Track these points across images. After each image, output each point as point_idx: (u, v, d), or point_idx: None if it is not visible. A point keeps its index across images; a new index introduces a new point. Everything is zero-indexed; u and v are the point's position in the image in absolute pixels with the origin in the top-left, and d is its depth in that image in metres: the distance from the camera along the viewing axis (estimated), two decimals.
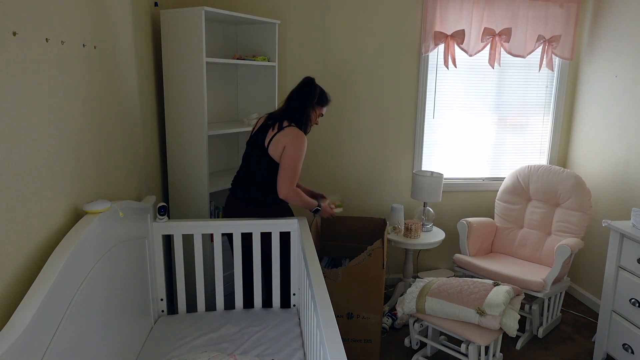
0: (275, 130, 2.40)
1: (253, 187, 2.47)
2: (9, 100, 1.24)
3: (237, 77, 3.29)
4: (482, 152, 3.76)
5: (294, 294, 2.53)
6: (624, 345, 2.54)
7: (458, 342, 2.80)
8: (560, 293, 3.11)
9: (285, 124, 2.41)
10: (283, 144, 2.37)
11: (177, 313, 2.49)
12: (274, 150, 2.38)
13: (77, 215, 1.67)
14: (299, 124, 2.44)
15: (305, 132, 2.47)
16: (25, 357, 1.12)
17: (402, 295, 2.86)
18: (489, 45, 3.44)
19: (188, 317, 2.39)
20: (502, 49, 3.46)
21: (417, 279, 2.98)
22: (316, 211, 2.56)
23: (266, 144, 2.40)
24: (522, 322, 3.05)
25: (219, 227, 2.42)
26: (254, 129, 2.54)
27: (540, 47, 3.50)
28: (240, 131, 3.31)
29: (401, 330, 3.13)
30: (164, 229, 2.37)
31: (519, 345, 2.94)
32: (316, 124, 2.58)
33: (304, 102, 2.47)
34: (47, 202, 1.46)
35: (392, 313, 3.23)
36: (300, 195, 2.44)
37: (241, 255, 2.47)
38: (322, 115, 2.59)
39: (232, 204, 2.53)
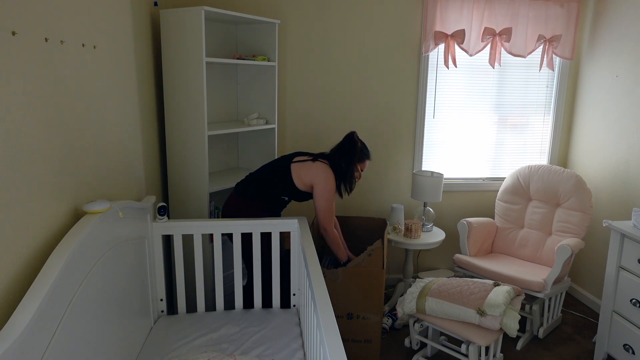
0: (309, 158, 2.52)
1: (250, 180, 2.56)
2: (8, 100, 1.24)
3: (237, 77, 3.28)
4: (482, 152, 3.76)
5: (294, 294, 2.53)
6: (624, 345, 2.53)
7: (458, 343, 2.79)
8: (561, 293, 3.11)
9: (320, 159, 2.52)
10: (312, 178, 2.48)
11: (177, 313, 2.48)
12: (298, 172, 2.49)
13: (77, 216, 1.67)
14: (340, 179, 2.55)
15: (350, 190, 2.58)
16: (25, 357, 1.12)
17: (402, 295, 2.86)
18: (489, 45, 3.43)
19: (188, 317, 2.38)
20: (502, 49, 3.45)
21: (417, 279, 2.98)
22: (344, 264, 2.61)
23: (292, 161, 2.51)
24: (522, 322, 3.05)
25: (219, 227, 2.42)
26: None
27: (541, 46, 3.50)
28: (240, 131, 3.32)
29: (401, 331, 3.13)
30: (163, 229, 2.37)
31: (519, 346, 2.94)
32: (358, 179, 2.65)
33: (348, 160, 2.54)
34: (46, 202, 1.46)
35: (392, 313, 3.23)
36: (337, 240, 2.60)
37: (241, 255, 2.47)
38: (363, 170, 2.66)
39: (228, 201, 2.60)
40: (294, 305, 2.54)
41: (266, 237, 2.48)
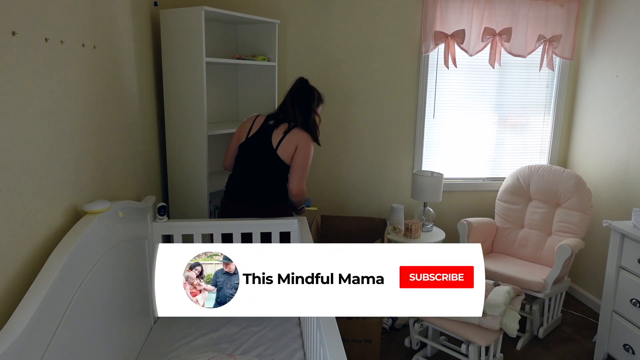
0: (283, 131, 2.39)
1: (257, 188, 2.45)
2: (8, 100, 1.24)
3: (237, 77, 3.28)
4: (482, 152, 3.76)
5: None
6: (624, 345, 2.53)
7: (458, 343, 2.79)
8: (561, 293, 3.11)
9: (291, 125, 2.41)
10: (295, 143, 2.37)
11: None
12: (284, 151, 2.37)
13: (77, 215, 1.67)
14: (308, 131, 2.44)
15: (318, 139, 2.48)
16: (25, 357, 1.11)
17: None
18: (489, 45, 3.43)
19: (188, 317, 2.38)
20: (502, 49, 3.45)
21: None
22: (302, 208, 2.58)
23: (275, 146, 2.38)
24: (522, 322, 3.04)
25: (219, 227, 2.41)
26: (249, 132, 2.46)
27: (541, 46, 3.50)
28: None
29: (401, 331, 3.12)
30: (163, 229, 2.37)
31: (519, 346, 2.94)
32: (320, 123, 2.56)
33: (308, 109, 2.45)
34: (46, 202, 1.45)
35: None
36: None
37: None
38: (319, 115, 2.56)
39: (232, 208, 2.50)
40: None
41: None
